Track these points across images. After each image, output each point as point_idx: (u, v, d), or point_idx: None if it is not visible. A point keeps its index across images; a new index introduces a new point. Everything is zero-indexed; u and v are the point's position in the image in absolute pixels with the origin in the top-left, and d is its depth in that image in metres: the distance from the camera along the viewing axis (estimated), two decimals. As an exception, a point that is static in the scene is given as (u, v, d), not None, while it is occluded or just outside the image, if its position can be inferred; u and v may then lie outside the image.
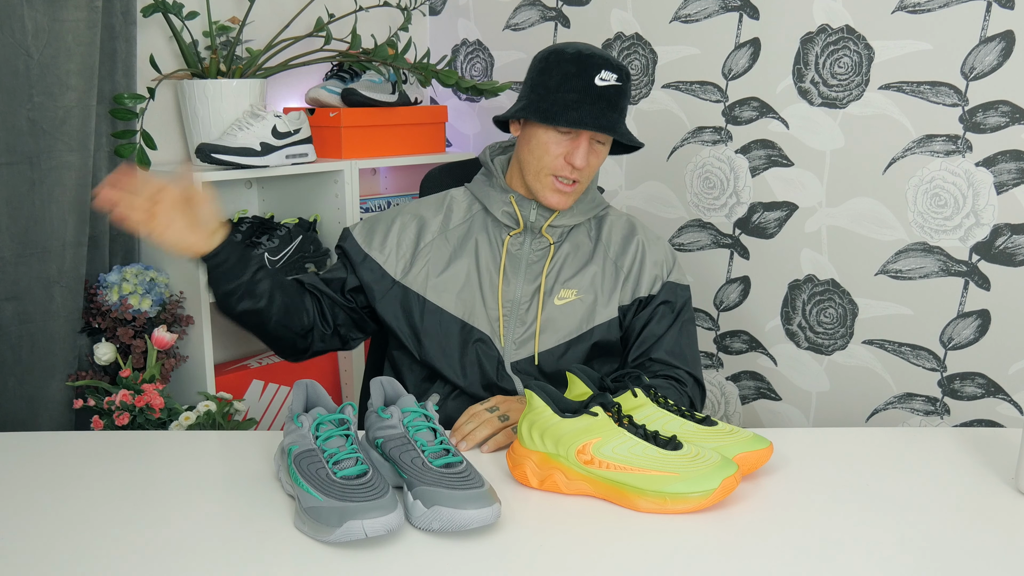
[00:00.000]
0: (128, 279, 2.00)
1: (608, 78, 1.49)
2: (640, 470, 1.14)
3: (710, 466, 1.13)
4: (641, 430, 1.18)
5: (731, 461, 1.16)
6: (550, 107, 1.49)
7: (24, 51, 1.83)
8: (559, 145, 1.51)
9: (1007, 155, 1.85)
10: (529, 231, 1.59)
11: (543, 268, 1.58)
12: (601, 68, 1.50)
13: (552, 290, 1.58)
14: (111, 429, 1.83)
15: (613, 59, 1.52)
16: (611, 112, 1.50)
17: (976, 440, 1.38)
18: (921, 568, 1.02)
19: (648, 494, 1.13)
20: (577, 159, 1.50)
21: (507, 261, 1.58)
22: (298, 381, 1.27)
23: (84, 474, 1.26)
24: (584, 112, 1.48)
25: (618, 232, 1.64)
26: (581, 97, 1.48)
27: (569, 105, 1.48)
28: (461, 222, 1.62)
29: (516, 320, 1.57)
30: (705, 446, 1.20)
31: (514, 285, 1.58)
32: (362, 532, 1.01)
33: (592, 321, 1.57)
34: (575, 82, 1.49)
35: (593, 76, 1.49)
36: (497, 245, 1.60)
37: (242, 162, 2.02)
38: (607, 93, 1.50)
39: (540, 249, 1.59)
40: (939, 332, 1.97)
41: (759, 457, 1.24)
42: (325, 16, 2.31)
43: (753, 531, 1.10)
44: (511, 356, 1.56)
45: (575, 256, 1.61)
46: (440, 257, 1.59)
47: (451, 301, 1.57)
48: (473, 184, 1.66)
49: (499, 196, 1.60)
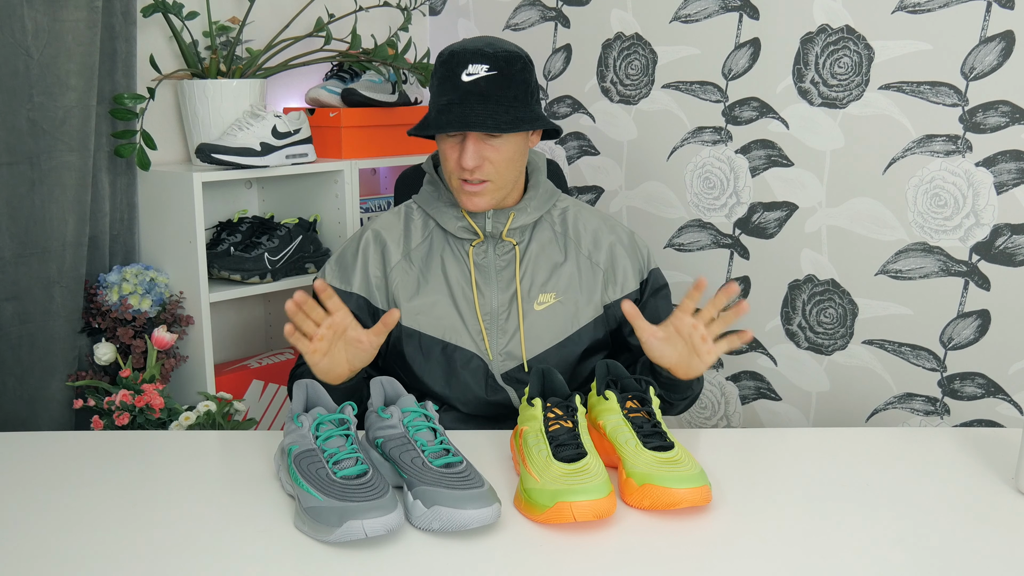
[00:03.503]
0: (128, 279, 2.00)
1: (476, 71, 1.44)
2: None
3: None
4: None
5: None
6: (428, 115, 1.48)
7: (24, 51, 1.83)
8: (452, 149, 1.47)
9: (1007, 155, 1.85)
10: (490, 239, 1.54)
11: (514, 273, 1.54)
12: (468, 63, 1.44)
13: (529, 295, 1.54)
14: (111, 429, 1.83)
15: (488, 49, 1.45)
16: (482, 106, 1.43)
17: (976, 440, 1.38)
18: (921, 568, 1.02)
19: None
20: (465, 160, 1.44)
21: (476, 273, 1.53)
22: (298, 381, 1.27)
23: (84, 474, 1.26)
24: (453, 113, 1.44)
25: (586, 225, 1.60)
26: (451, 98, 1.45)
27: (441, 109, 1.45)
28: (421, 240, 1.57)
29: (498, 331, 1.52)
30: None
31: (488, 296, 1.53)
32: (362, 532, 1.01)
33: (577, 323, 1.54)
34: (446, 84, 1.46)
35: (459, 73, 1.44)
36: (463, 258, 1.54)
37: (242, 162, 2.02)
38: (476, 87, 1.43)
39: (506, 254, 1.55)
40: (939, 332, 1.97)
41: (694, 496, 1.13)
42: (325, 16, 2.31)
43: (753, 531, 1.10)
44: (500, 368, 1.52)
45: (544, 256, 1.56)
46: (408, 282, 1.54)
47: (429, 323, 1.52)
48: (421, 198, 1.60)
49: (450, 211, 1.54)
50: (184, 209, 1.99)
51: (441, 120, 1.45)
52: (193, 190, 1.97)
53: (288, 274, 2.19)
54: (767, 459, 1.34)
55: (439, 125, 1.45)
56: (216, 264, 2.12)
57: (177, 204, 2.01)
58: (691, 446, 1.35)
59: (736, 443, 1.39)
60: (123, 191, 2.08)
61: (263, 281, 2.13)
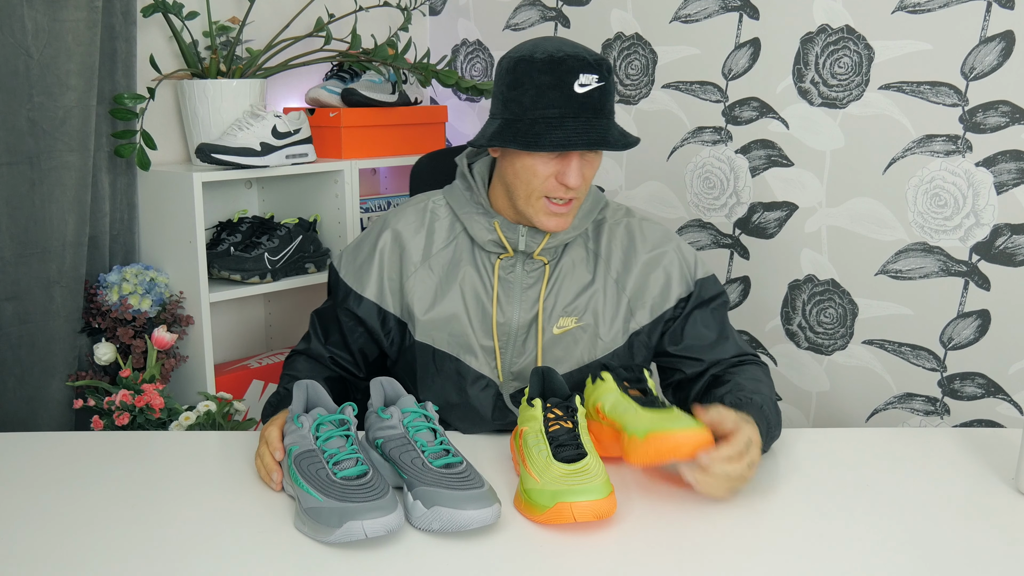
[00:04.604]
0: (128, 279, 2.00)
1: (588, 81, 1.31)
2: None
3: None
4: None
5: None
6: (529, 129, 1.31)
7: (24, 51, 1.83)
8: (547, 166, 1.34)
9: (1007, 155, 1.85)
10: (520, 254, 1.43)
11: (539, 293, 1.43)
12: (579, 72, 1.30)
13: (551, 317, 1.43)
14: (111, 429, 1.83)
15: (590, 55, 1.33)
16: (598, 120, 1.32)
17: (976, 440, 1.38)
18: (921, 568, 1.02)
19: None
20: (571, 179, 1.32)
21: (500, 288, 1.43)
22: (298, 382, 1.27)
23: (84, 474, 1.26)
24: (569, 129, 1.30)
25: (618, 244, 1.48)
26: (562, 112, 1.30)
27: (551, 123, 1.30)
28: (445, 245, 1.46)
29: (513, 351, 1.43)
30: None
31: (509, 313, 1.43)
32: (362, 532, 1.01)
33: (597, 350, 1.44)
34: (552, 95, 1.30)
35: (572, 83, 1.30)
36: (487, 271, 1.44)
37: (242, 162, 2.02)
38: (590, 100, 1.31)
39: (534, 271, 1.44)
40: (939, 332, 1.97)
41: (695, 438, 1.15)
42: (325, 16, 2.31)
43: (753, 531, 1.10)
44: (509, 388, 1.44)
45: (573, 275, 1.45)
46: (426, 291, 1.44)
47: (443, 339, 1.44)
48: (452, 197, 1.48)
49: (482, 221, 1.43)
50: (184, 209, 1.99)
51: (557, 137, 1.30)
52: (193, 190, 1.97)
53: (288, 274, 2.19)
54: (767, 459, 1.34)
55: (559, 143, 1.30)
56: (216, 264, 2.12)
57: (177, 204, 2.01)
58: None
59: (736, 443, 1.39)
60: (123, 191, 2.08)
61: (263, 281, 2.13)
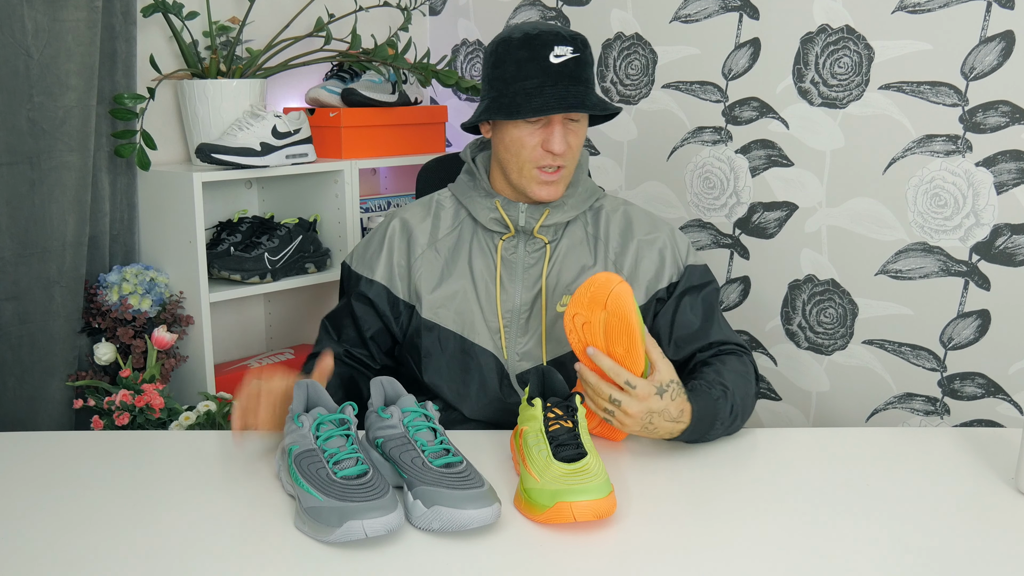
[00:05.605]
0: (128, 279, 2.00)
1: (563, 52, 1.42)
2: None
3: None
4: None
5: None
6: (511, 100, 1.43)
7: (24, 51, 1.83)
8: (532, 136, 1.44)
9: (1007, 155, 1.85)
10: (521, 234, 1.51)
11: (541, 272, 1.51)
12: (553, 44, 1.42)
13: (554, 295, 1.49)
14: (111, 429, 1.83)
15: (564, 31, 1.45)
16: (575, 87, 1.42)
17: (976, 440, 1.38)
18: (921, 568, 1.02)
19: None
20: (555, 144, 1.42)
21: (502, 268, 1.51)
22: (298, 381, 1.27)
23: (84, 474, 1.26)
24: (547, 96, 1.41)
25: (615, 227, 1.55)
26: (540, 81, 1.41)
27: (530, 92, 1.41)
28: (450, 230, 1.54)
29: (517, 330, 1.49)
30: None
31: (512, 293, 1.50)
32: (362, 532, 1.01)
33: None
34: (530, 67, 1.42)
35: (547, 55, 1.41)
36: (490, 252, 1.52)
37: (242, 162, 2.02)
38: (566, 68, 1.42)
39: (535, 251, 1.51)
40: (939, 332, 1.97)
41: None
42: (325, 16, 2.31)
43: (753, 531, 1.10)
44: (515, 368, 1.49)
45: (573, 256, 1.52)
46: (432, 272, 1.52)
47: (449, 317, 1.49)
48: (456, 187, 1.58)
49: (484, 202, 1.52)
50: (184, 209, 1.99)
51: (536, 104, 1.40)
52: (193, 190, 1.97)
53: (288, 274, 2.19)
54: (767, 459, 1.34)
55: (538, 108, 1.40)
56: (216, 264, 2.12)
57: (177, 204, 2.01)
58: (691, 446, 1.35)
59: (736, 443, 1.39)
60: (123, 191, 2.08)
61: (263, 281, 2.13)
